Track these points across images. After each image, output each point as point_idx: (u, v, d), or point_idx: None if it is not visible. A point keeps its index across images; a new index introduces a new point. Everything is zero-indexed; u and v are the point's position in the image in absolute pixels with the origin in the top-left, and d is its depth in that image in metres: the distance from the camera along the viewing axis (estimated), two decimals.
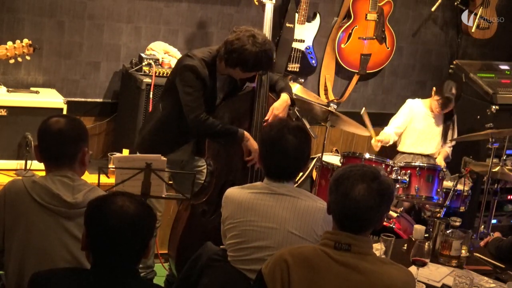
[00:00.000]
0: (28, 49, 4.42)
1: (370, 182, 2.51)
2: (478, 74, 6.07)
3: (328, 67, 5.91)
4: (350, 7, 5.75)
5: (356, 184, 2.50)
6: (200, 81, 4.07)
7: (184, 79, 4.08)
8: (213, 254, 3.32)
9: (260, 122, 4.26)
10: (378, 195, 2.51)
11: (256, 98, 4.27)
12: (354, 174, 2.53)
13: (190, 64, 4.07)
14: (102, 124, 5.24)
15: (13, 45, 4.38)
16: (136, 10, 5.19)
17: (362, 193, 2.49)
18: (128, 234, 2.30)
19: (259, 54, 3.99)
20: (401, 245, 3.79)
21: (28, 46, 4.41)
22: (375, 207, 2.51)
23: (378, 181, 2.52)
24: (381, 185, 2.52)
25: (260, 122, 4.26)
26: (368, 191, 2.50)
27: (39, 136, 2.88)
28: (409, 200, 5.07)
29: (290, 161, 3.20)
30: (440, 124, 5.66)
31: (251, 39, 3.99)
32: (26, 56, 4.43)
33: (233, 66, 4.06)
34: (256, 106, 4.26)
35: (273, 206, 3.15)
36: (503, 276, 3.59)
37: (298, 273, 2.50)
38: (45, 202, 2.75)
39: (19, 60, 4.44)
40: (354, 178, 2.52)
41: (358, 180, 2.51)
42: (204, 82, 4.08)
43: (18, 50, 4.39)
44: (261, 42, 4.01)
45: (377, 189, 2.51)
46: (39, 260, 2.73)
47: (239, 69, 4.06)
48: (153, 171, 3.46)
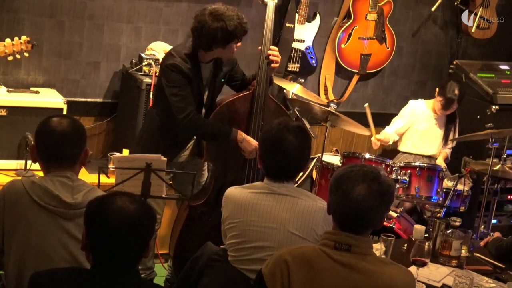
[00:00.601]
0: (26, 45, 4.40)
1: (370, 182, 2.51)
2: (478, 74, 6.07)
3: (328, 67, 5.91)
4: (350, 7, 5.75)
5: (356, 184, 2.50)
6: (184, 78, 4.04)
7: (168, 79, 4.06)
8: (213, 254, 3.32)
9: (259, 124, 4.24)
10: (379, 195, 2.51)
11: (255, 99, 4.25)
12: (354, 174, 2.53)
13: (171, 63, 4.05)
14: (102, 124, 5.24)
15: (11, 42, 4.36)
16: (136, 10, 5.19)
17: (363, 193, 2.49)
18: (128, 234, 2.29)
19: (223, 25, 3.95)
20: (401, 245, 3.79)
21: (26, 43, 4.40)
22: (375, 207, 2.51)
23: (379, 181, 2.52)
24: (381, 185, 2.52)
25: (258, 124, 4.25)
26: (369, 191, 2.50)
27: (39, 137, 2.86)
28: (409, 200, 5.07)
29: (290, 161, 3.19)
30: (442, 126, 5.66)
31: (210, 16, 3.97)
32: (24, 53, 4.41)
33: (209, 49, 4.03)
34: (254, 108, 4.25)
35: (273, 206, 3.15)
36: (503, 276, 3.59)
37: (298, 273, 2.50)
38: (44, 202, 2.75)
39: (18, 57, 4.42)
40: (354, 178, 2.51)
41: (358, 180, 2.51)
42: (189, 77, 4.05)
43: (16, 47, 4.38)
44: (221, 13, 3.98)
45: (377, 189, 2.51)
46: (39, 260, 2.73)
47: (216, 48, 4.03)
48: (153, 171, 3.46)
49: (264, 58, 4.27)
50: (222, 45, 4.02)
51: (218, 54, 4.11)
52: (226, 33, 3.98)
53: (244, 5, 5.44)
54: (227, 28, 3.96)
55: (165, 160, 3.58)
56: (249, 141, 4.15)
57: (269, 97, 4.32)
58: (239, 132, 4.15)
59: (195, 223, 4.30)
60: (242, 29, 4.04)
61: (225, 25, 3.96)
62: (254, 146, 4.13)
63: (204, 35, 3.98)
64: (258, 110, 4.24)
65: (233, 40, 4.04)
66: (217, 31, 3.96)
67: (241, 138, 4.15)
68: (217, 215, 4.15)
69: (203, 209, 4.28)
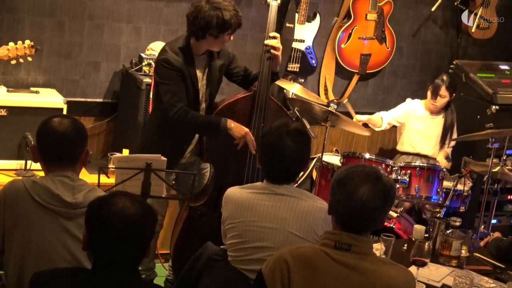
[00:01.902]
0: (30, 50, 4.41)
1: (374, 182, 2.51)
2: (478, 74, 6.07)
3: (328, 67, 5.91)
4: (350, 7, 5.75)
5: (360, 185, 2.50)
6: (176, 72, 4.03)
7: (160, 75, 4.07)
8: (213, 254, 3.32)
9: (259, 126, 4.22)
10: (383, 195, 2.52)
11: (255, 101, 4.24)
12: (358, 175, 2.53)
13: (162, 58, 4.06)
14: (102, 124, 5.24)
15: (15, 46, 4.37)
16: (136, 10, 5.19)
17: (367, 194, 2.49)
18: (129, 235, 2.29)
19: (219, 13, 3.96)
20: (401, 245, 3.79)
21: (30, 47, 4.41)
22: (380, 208, 2.52)
23: (382, 182, 2.53)
24: (385, 186, 2.53)
25: (259, 125, 4.22)
26: (373, 191, 2.50)
27: (41, 137, 2.87)
28: (409, 200, 5.07)
29: (289, 166, 3.20)
30: (439, 126, 5.65)
31: (208, 4, 3.98)
32: (28, 57, 4.43)
33: (202, 36, 4.02)
34: (255, 109, 4.25)
35: (273, 206, 3.15)
36: (503, 276, 3.59)
37: (298, 273, 2.50)
38: (45, 202, 2.75)
39: (21, 61, 4.44)
40: (358, 179, 2.51)
41: (362, 181, 2.51)
42: (181, 71, 4.05)
43: (20, 51, 4.38)
44: (218, 2, 3.99)
45: (381, 189, 2.52)
46: (39, 260, 2.73)
47: (209, 36, 4.02)
48: (153, 171, 3.46)
49: (265, 59, 4.26)
50: (216, 33, 4.01)
51: (210, 44, 4.09)
52: (222, 22, 3.98)
53: (244, 5, 5.44)
54: (223, 17, 3.98)
55: (165, 160, 3.58)
56: (239, 127, 4.12)
57: (270, 98, 4.30)
58: (228, 120, 4.12)
59: (195, 223, 4.29)
60: (237, 21, 4.05)
61: (221, 14, 3.97)
62: (244, 132, 4.10)
63: (199, 21, 3.98)
64: (259, 111, 4.23)
65: (227, 30, 4.03)
66: (212, 18, 3.97)
67: (230, 126, 4.11)
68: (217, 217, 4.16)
69: (203, 210, 4.28)
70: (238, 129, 4.11)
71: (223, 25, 4.00)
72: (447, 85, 5.48)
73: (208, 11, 3.97)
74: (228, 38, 4.10)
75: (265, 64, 4.25)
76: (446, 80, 5.48)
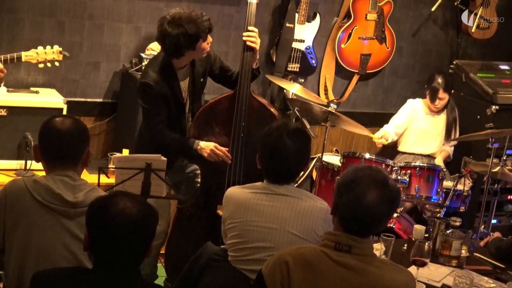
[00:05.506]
0: (58, 55, 4.42)
1: (382, 188, 2.52)
2: (478, 74, 6.07)
3: (328, 67, 5.91)
4: (350, 7, 5.75)
5: (368, 189, 2.50)
6: (156, 96, 4.04)
7: (140, 97, 4.13)
8: (213, 254, 3.32)
9: (240, 125, 4.15)
10: (389, 201, 2.53)
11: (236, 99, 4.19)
12: (365, 179, 2.52)
13: (143, 82, 4.08)
14: (102, 124, 5.24)
15: (43, 50, 4.36)
16: (136, 10, 5.19)
17: (375, 200, 2.49)
18: (130, 235, 2.30)
19: (183, 30, 3.93)
20: (401, 245, 3.79)
21: (58, 53, 4.41)
22: (386, 213, 2.54)
23: (389, 188, 2.54)
24: (392, 192, 2.54)
25: (239, 124, 4.15)
26: (381, 197, 2.50)
27: (43, 137, 2.87)
28: (409, 200, 5.07)
29: (289, 167, 3.20)
30: (442, 123, 5.66)
31: (170, 24, 3.95)
32: (55, 62, 4.43)
33: (180, 54, 4.02)
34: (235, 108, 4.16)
35: (274, 206, 3.15)
36: (503, 276, 3.60)
37: (298, 274, 2.50)
38: (46, 201, 2.75)
39: (48, 66, 4.42)
40: (366, 183, 2.51)
41: (370, 185, 2.51)
42: (163, 94, 4.05)
43: (49, 56, 4.38)
44: (178, 18, 3.96)
45: (388, 195, 2.52)
46: (40, 259, 2.73)
47: (186, 52, 4.01)
48: (153, 171, 3.46)
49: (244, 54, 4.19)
50: (190, 48, 4.00)
51: (191, 56, 4.09)
52: (189, 37, 3.95)
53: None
54: (188, 32, 3.94)
55: (165, 160, 3.58)
56: (205, 145, 4.09)
57: (252, 97, 4.22)
58: (195, 142, 4.10)
59: (183, 225, 4.30)
60: (205, 26, 4.01)
61: (185, 29, 3.94)
62: (210, 149, 4.07)
63: (168, 44, 3.98)
64: (239, 110, 4.16)
65: (198, 41, 4.00)
66: (179, 37, 3.94)
67: (198, 147, 4.09)
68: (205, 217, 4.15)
69: (192, 211, 4.28)
70: (205, 147, 4.09)
71: (192, 39, 3.97)
72: (443, 87, 5.50)
73: (172, 31, 3.94)
74: (206, 44, 4.07)
75: (244, 60, 4.21)
76: (442, 83, 5.49)
